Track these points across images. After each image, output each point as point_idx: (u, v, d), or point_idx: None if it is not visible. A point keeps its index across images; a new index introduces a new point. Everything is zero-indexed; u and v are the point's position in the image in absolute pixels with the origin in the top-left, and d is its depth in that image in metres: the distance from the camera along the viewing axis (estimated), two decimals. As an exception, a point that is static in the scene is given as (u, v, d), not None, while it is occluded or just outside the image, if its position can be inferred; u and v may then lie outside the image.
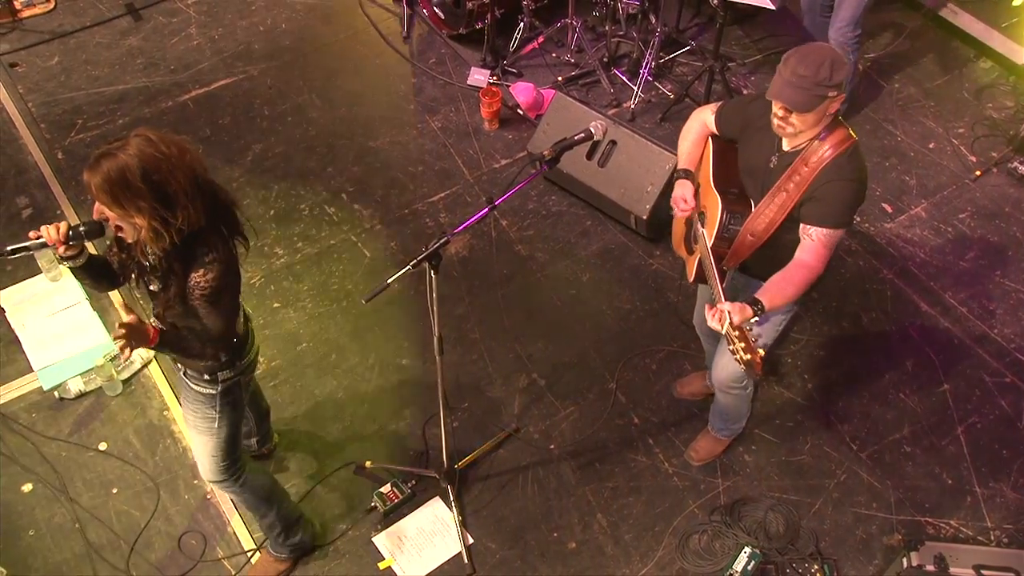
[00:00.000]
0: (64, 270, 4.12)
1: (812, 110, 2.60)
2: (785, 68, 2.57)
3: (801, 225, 2.75)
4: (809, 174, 2.70)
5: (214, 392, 2.80)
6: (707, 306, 2.62)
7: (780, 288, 2.71)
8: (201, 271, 2.44)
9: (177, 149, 2.34)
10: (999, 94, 5.22)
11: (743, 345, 2.51)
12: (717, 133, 3.06)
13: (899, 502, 3.63)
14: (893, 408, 3.91)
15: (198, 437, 2.94)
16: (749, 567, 3.37)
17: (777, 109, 2.64)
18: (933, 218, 4.62)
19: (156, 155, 2.28)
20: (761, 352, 2.51)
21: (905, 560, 3.23)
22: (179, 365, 2.79)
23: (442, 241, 2.69)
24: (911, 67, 5.39)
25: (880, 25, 5.57)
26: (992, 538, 3.52)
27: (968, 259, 4.44)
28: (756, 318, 2.62)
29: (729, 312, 2.54)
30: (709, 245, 2.89)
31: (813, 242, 2.73)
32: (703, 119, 3.08)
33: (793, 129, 2.67)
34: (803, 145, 2.72)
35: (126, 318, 2.41)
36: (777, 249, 2.82)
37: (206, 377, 2.77)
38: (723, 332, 2.55)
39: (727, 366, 3.25)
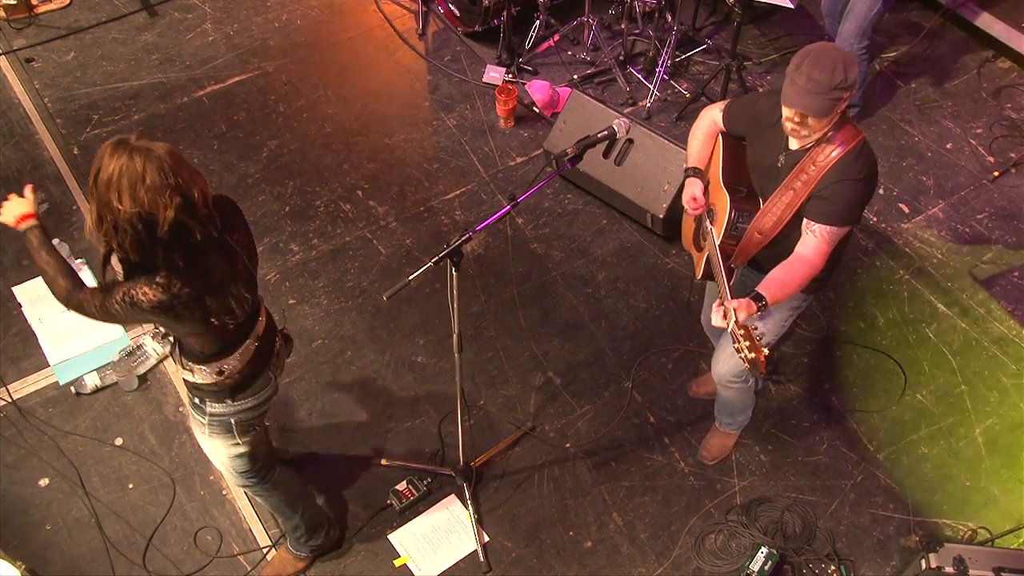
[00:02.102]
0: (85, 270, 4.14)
1: (829, 113, 2.59)
2: (799, 75, 2.54)
3: (805, 220, 2.74)
4: (817, 173, 2.69)
5: (203, 420, 2.75)
6: (715, 304, 2.62)
7: (782, 283, 2.71)
8: (143, 281, 2.31)
9: (138, 195, 2.20)
10: (1017, 94, 5.19)
11: (748, 344, 2.51)
12: (725, 131, 3.05)
13: (916, 503, 3.62)
14: (910, 409, 3.90)
15: (208, 453, 2.95)
16: (766, 567, 3.36)
17: (792, 115, 2.62)
18: (950, 218, 4.59)
19: (116, 176, 2.20)
20: (765, 351, 2.50)
21: (924, 562, 3.22)
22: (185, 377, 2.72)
23: (464, 238, 2.68)
24: (929, 67, 5.36)
25: (898, 25, 5.54)
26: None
27: (986, 260, 4.42)
28: (759, 313, 2.62)
29: (735, 309, 2.54)
30: (717, 243, 2.89)
31: (816, 239, 2.72)
32: (712, 117, 3.07)
33: (808, 132, 2.66)
34: (810, 144, 2.71)
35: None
36: (785, 246, 2.81)
37: (196, 400, 2.72)
38: (728, 330, 2.55)
39: (727, 360, 3.25)
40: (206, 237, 2.35)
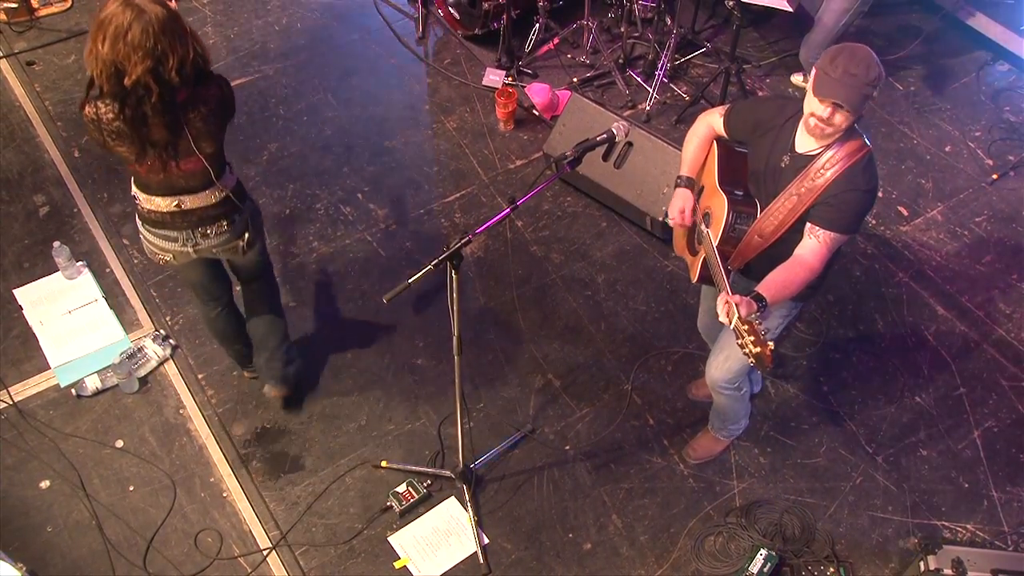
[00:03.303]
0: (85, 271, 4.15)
1: (860, 109, 2.60)
2: (834, 68, 2.56)
3: (808, 225, 2.75)
4: (824, 182, 2.70)
5: None
6: (720, 298, 2.63)
7: (782, 285, 2.73)
8: (97, 99, 2.74)
9: (116, 46, 2.57)
10: (1016, 97, 5.21)
11: (752, 338, 2.51)
12: (726, 135, 3.06)
13: (915, 505, 3.63)
14: (909, 411, 3.90)
15: None
16: (765, 569, 3.37)
17: (822, 109, 2.61)
18: (949, 221, 4.61)
19: (107, 21, 2.56)
20: (771, 344, 2.51)
21: (922, 564, 3.23)
22: None
23: (464, 241, 2.69)
24: (927, 70, 5.38)
25: (897, 28, 5.56)
26: (1009, 542, 3.51)
27: (985, 262, 4.43)
28: (759, 313, 2.63)
29: (737, 304, 2.55)
30: (715, 245, 2.90)
31: (819, 244, 2.73)
32: (710, 122, 3.08)
33: (833, 130, 2.65)
34: (817, 150, 2.72)
35: None
36: (782, 252, 2.82)
37: None
38: (731, 326, 2.56)
39: (721, 366, 3.26)
40: (161, 100, 2.68)
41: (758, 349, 2.50)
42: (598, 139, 2.88)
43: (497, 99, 5.02)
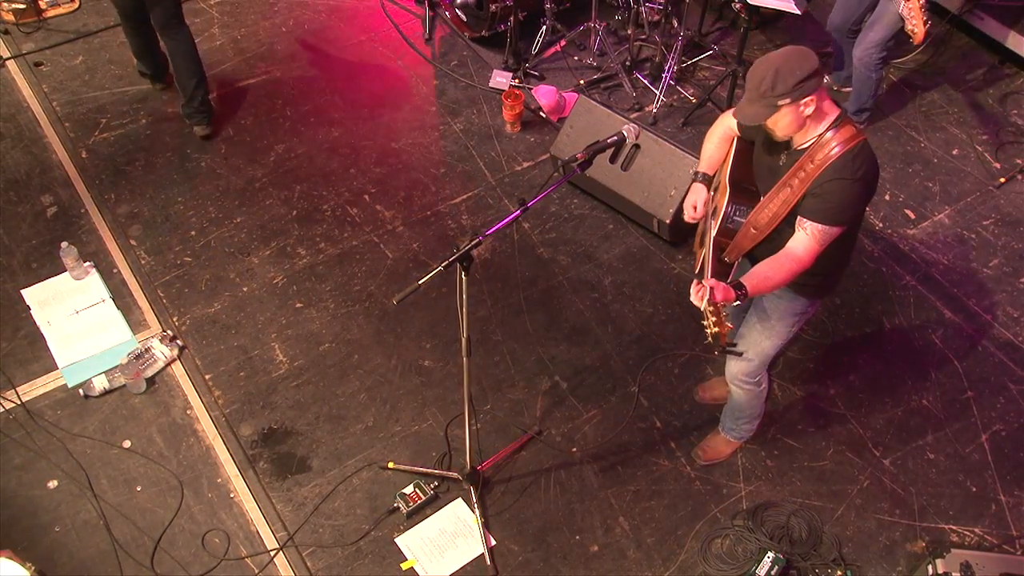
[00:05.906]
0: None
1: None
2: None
3: (798, 218, 2.77)
4: (814, 171, 2.71)
5: None
6: (694, 282, 2.66)
7: (766, 276, 2.76)
8: None
9: None
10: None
11: (714, 319, 2.58)
12: (738, 134, 3.08)
13: (922, 509, 3.62)
14: (916, 415, 3.90)
15: None
16: (772, 572, 3.37)
17: None
18: (957, 224, 4.60)
19: None
20: (729, 326, 2.59)
21: (931, 567, 3.23)
22: None
23: (475, 242, 2.70)
24: (935, 73, 5.37)
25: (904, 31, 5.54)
26: (1017, 547, 3.50)
27: (992, 266, 4.42)
28: (738, 302, 2.68)
29: (712, 289, 2.59)
30: (712, 235, 2.92)
31: (807, 237, 2.74)
32: (728, 123, 3.12)
33: (776, 131, 2.74)
34: (810, 142, 2.74)
35: None
36: (779, 244, 2.83)
37: None
38: (702, 307, 2.60)
39: (740, 361, 3.27)
40: None
41: (716, 329, 2.58)
42: (608, 141, 2.88)
43: (504, 101, 5.02)
